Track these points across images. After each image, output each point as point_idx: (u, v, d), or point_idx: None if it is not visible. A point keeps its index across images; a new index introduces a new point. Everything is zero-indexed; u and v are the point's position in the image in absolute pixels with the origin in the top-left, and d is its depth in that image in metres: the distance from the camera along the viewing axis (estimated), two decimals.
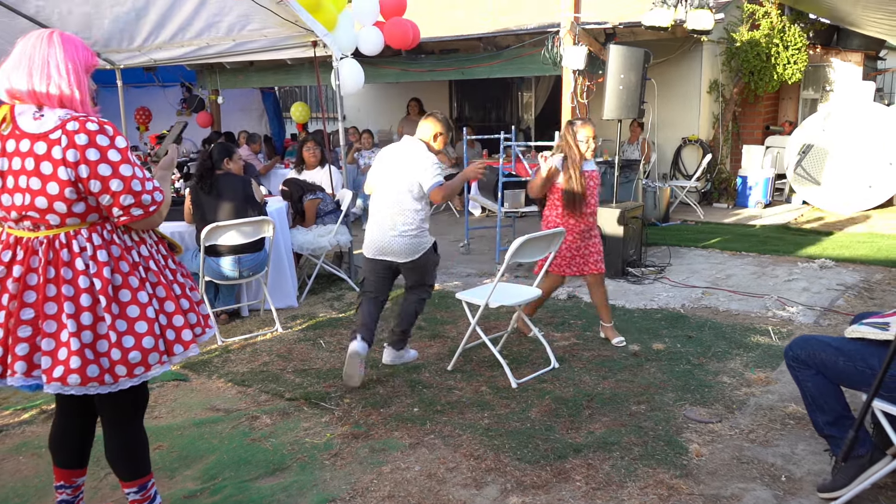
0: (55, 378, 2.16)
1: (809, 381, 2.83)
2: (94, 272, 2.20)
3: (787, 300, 5.45)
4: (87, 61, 2.25)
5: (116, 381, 2.22)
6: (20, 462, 3.25)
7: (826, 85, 10.62)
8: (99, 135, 2.13)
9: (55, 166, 2.11)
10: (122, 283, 2.23)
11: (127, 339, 2.21)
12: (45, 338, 2.18)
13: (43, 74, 2.15)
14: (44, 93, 2.16)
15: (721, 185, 10.16)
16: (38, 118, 2.15)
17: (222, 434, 3.48)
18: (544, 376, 4.08)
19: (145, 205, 2.21)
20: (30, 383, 2.22)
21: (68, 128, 2.11)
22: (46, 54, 2.16)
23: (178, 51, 7.12)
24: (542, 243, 4.19)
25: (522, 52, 8.05)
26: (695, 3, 6.43)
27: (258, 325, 5.17)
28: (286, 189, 6.15)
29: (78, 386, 2.17)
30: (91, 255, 2.21)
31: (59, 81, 2.16)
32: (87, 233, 2.22)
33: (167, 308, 2.34)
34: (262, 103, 13.60)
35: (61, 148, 2.10)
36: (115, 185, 2.15)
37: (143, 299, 2.26)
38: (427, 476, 3.04)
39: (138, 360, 2.23)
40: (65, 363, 2.15)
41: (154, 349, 2.26)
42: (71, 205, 2.15)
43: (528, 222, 8.24)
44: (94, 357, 2.19)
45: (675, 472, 3.01)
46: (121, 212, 2.19)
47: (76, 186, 2.14)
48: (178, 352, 2.35)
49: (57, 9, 6.42)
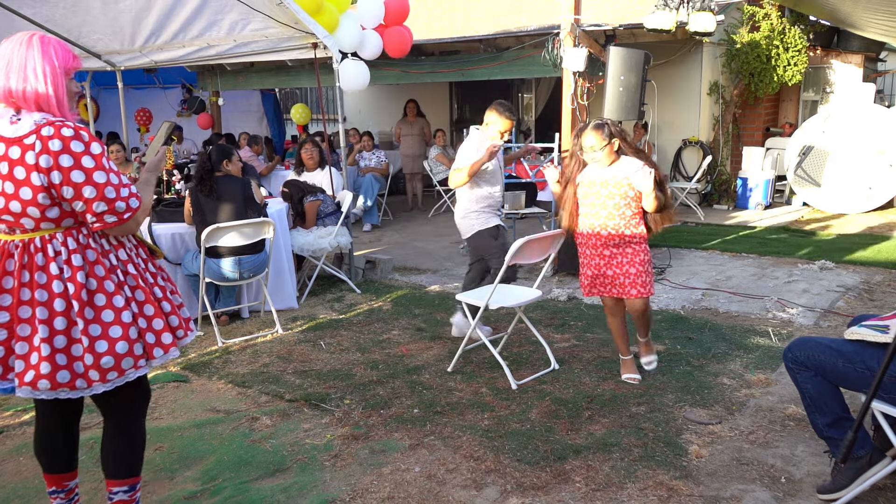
0: (26, 382, 2.17)
1: (809, 382, 2.83)
2: (68, 276, 2.20)
3: (787, 302, 5.45)
4: (66, 63, 2.23)
5: (90, 385, 2.22)
6: (21, 463, 3.25)
7: (826, 87, 10.62)
8: (74, 140, 2.12)
9: (28, 171, 2.10)
10: (97, 288, 2.23)
11: (100, 343, 2.21)
12: (19, 341, 2.19)
13: (20, 77, 2.14)
14: (20, 95, 2.15)
15: (721, 186, 10.15)
16: (14, 122, 2.14)
17: (222, 435, 3.48)
18: (544, 378, 4.08)
19: (119, 212, 2.20)
20: (4, 386, 2.24)
21: (43, 133, 2.10)
22: (24, 56, 2.15)
23: (178, 52, 7.13)
24: (543, 245, 4.19)
25: (523, 54, 8.05)
26: (697, 5, 6.43)
27: (258, 327, 5.18)
28: (287, 191, 6.15)
29: (48, 390, 2.18)
30: (65, 260, 2.20)
31: (36, 84, 2.15)
32: (62, 237, 2.21)
33: (146, 311, 2.33)
34: (262, 105, 13.61)
35: (34, 153, 2.09)
36: (89, 191, 2.14)
37: (118, 303, 2.25)
38: (427, 477, 3.04)
39: (111, 365, 2.22)
40: (35, 368, 2.16)
41: (128, 354, 2.25)
42: (44, 210, 2.15)
43: (528, 224, 8.25)
44: (66, 362, 2.19)
45: (674, 473, 3.01)
46: (94, 218, 2.18)
47: (49, 192, 2.13)
48: (157, 355, 2.34)
49: (57, 10, 6.43)
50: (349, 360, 4.46)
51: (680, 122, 9.81)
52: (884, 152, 8.80)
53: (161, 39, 6.96)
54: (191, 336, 2.51)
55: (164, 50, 7.17)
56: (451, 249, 7.57)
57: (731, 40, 9.75)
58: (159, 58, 7.36)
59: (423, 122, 10.76)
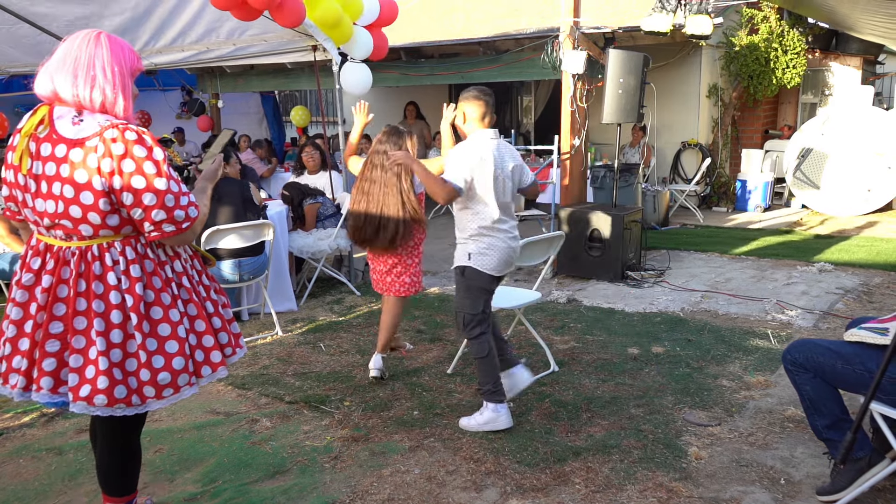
0: (81, 397, 2.08)
1: (808, 384, 2.84)
2: (126, 288, 2.11)
3: (786, 304, 5.45)
4: (132, 65, 2.15)
5: (144, 402, 2.14)
6: (20, 465, 3.25)
7: (825, 89, 10.64)
8: (136, 145, 2.04)
9: (90, 175, 2.02)
10: (154, 300, 2.15)
11: (157, 358, 2.13)
12: (74, 354, 2.09)
13: (88, 77, 2.04)
14: (87, 96, 2.05)
15: (720, 188, 10.17)
16: (76, 123, 2.05)
17: (222, 437, 3.48)
18: (544, 380, 4.08)
19: (178, 221, 2.11)
20: (56, 400, 2.13)
21: (106, 136, 2.02)
22: (93, 55, 2.05)
23: (178, 55, 7.14)
24: (542, 247, 4.19)
25: (522, 57, 8.08)
26: (693, 8, 6.45)
27: (258, 329, 5.18)
28: (286, 193, 6.16)
29: (104, 406, 2.09)
30: (123, 270, 2.12)
31: (104, 85, 2.06)
32: (120, 246, 2.13)
33: (198, 327, 2.25)
34: (262, 107, 13.62)
35: (97, 156, 2.01)
36: (148, 199, 2.05)
37: (174, 317, 2.17)
38: (427, 479, 3.04)
39: (168, 382, 2.15)
40: (92, 382, 2.07)
41: (184, 370, 2.17)
42: (105, 216, 2.06)
43: (527, 226, 8.25)
44: (122, 377, 2.10)
45: (674, 475, 3.02)
46: (152, 227, 2.09)
47: (110, 197, 2.04)
48: (205, 374, 2.26)
49: (59, 14, 6.44)
50: (349, 362, 4.46)
51: (679, 124, 9.82)
52: (882, 154, 8.82)
53: (160, 44, 6.97)
54: (239, 354, 2.41)
55: (163, 53, 7.19)
56: (449, 251, 7.56)
57: (729, 43, 9.77)
58: (159, 60, 7.38)
59: (423, 125, 10.76)
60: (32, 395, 2.14)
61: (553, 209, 7.48)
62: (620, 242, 6.21)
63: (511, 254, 3.52)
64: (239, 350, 2.42)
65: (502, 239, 3.46)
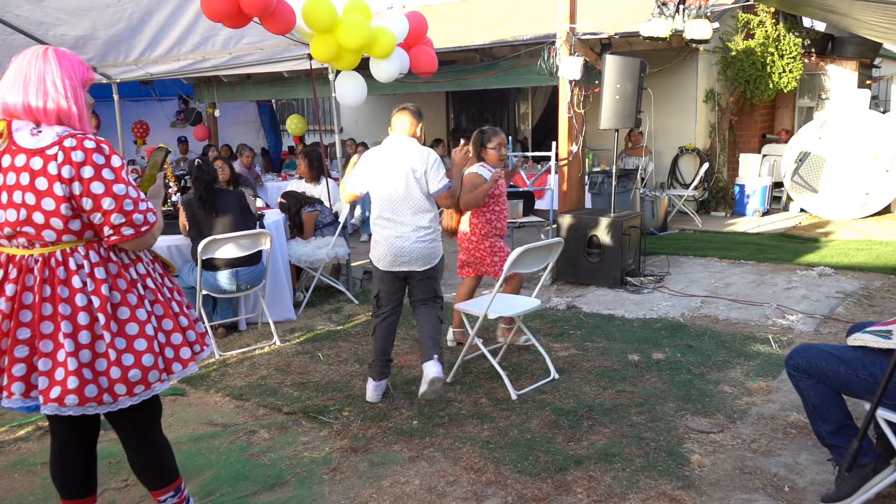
0: (52, 399, 2.12)
1: (811, 390, 2.81)
2: (92, 290, 2.17)
3: (786, 308, 5.43)
4: (83, 76, 2.22)
5: (116, 400, 2.18)
6: (15, 479, 3.21)
7: (822, 93, 10.66)
8: (95, 153, 2.11)
9: (51, 182, 2.08)
10: (120, 301, 2.21)
11: (126, 356, 2.18)
12: (42, 358, 2.14)
13: (39, 91, 2.13)
14: (41, 109, 2.13)
15: (719, 193, 10.17)
16: (35, 134, 2.12)
17: (220, 449, 3.44)
18: (544, 387, 4.05)
19: (137, 224, 2.18)
20: (28, 404, 2.17)
21: (65, 144, 2.09)
22: (42, 71, 2.14)
23: (174, 64, 7.13)
24: (541, 253, 4.17)
25: (518, 63, 8.09)
26: (692, 12, 6.46)
27: (256, 339, 5.15)
28: (284, 201, 6.14)
29: (76, 406, 2.13)
30: (88, 273, 2.18)
31: (57, 97, 2.14)
32: (83, 250, 2.19)
33: (165, 326, 2.32)
34: (259, 116, 13.62)
35: (57, 164, 2.08)
36: (107, 203, 2.12)
37: (141, 316, 2.23)
38: (427, 490, 3.01)
39: (138, 379, 2.20)
40: (62, 383, 2.11)
41: (154, 367, 2.23)
42: (67, 221, 2.13)
43: (526, 232, 8.23)
44: (92, 376, 2.15)
45: (677, 483, 2.98)
46: (111, 230, 2.16)
47: (70, 203, 2.11)
48: (176, 370, 2.32)
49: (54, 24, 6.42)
50: (348, 372, 4.43)
51: (676, 129, 9.83)
52: (880, 158, 8.82)
53: (156, 53, 6.96)
54: (207, 351, 2.50)
55: (159, 63, 7.18)
56: (448, 259, 7.54)
57: (726, 48, 9.79)
58: (155, 70, 7.37)
59: None
60: (3, 402, 2.17)
61: (551, 215, 7.47)
62: (619, 248, 6.19)
63: (396, 252, 3.86)
64: (206, 348, 2.49)
65: (385, 235, 3.87)
